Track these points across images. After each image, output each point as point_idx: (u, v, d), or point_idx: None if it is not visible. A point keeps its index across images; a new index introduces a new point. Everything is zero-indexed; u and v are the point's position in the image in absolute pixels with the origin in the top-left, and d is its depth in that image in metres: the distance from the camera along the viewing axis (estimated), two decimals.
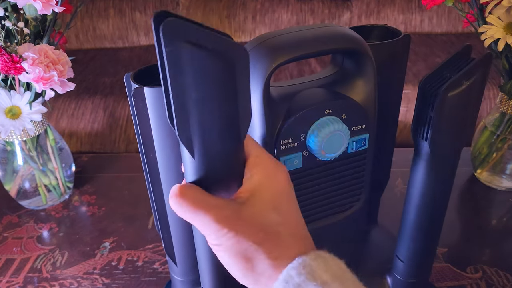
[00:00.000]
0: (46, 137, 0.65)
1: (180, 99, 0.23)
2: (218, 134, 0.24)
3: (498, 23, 0.52)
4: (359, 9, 1.44)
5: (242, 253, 0.25)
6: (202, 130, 0.24)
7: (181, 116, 0.23)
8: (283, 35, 0.34)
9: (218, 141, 0.25)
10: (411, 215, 0.43)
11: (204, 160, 0.25)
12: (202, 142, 0.24)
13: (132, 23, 1.57)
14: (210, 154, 0.25)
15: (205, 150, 0.25)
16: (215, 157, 0.25)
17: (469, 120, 0.38)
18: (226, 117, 0.24)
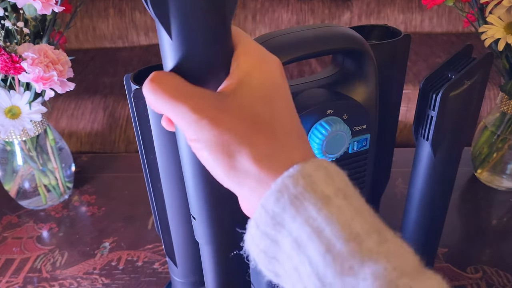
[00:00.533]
0: (45, 137, 0.65)
1: None
2: (198, 7, 0.21)
3: (498, 23, 0.52)
4: (359, 9, 1.44)
5: (224, 148, 0.21)
6: (179, 2, 0.20)
7: None
8: (284, 35, 0.34)
9: (199, 16, 0.21)
10: (412, 215, 0.43)
11: (183, 41, 0.21)
12: (180, 17, 0.21)
13: (132, 23, 1.56)
14: (190, 34, 0.21)
15: (184, 28, 0.21)
16: (196, 37, 0.22)
17: (470, 119, 0.37)
18: None
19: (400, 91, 0.48)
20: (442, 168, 0.39)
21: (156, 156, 0.37)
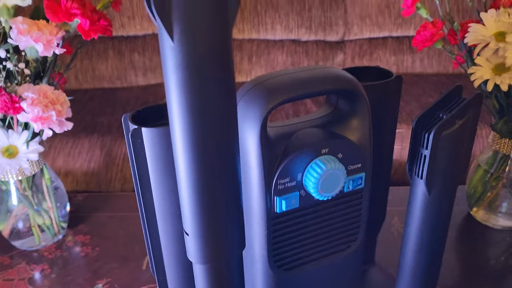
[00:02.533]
0: (41, 176, 0.65)
1: None
2: (202, 10, 0.21)
3: (486, 64, 0.54)
4: (352, 50, 1.48)
5: None
6: (183, 6, 0.21)
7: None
8: (279, 77, 0.35)
9: (201, 20, 0.22)
10: (409, 254, 0.42)
11: (185, 43, 0.22)
12: (182, 20, 0.21)
13: (131, 64, 1.59)
14: (192, 37, 0.22)
15: (186, 31, 0.22)
16: (197, 40, 0.22)
17: (463, 158, 0.38)
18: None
19: (393, 130, 0.49)
20: (437, 206, 0.39)
21: (152, 195, 0.38)
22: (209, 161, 0.25)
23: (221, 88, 0.24)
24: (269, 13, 1.44)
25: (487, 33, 0.53)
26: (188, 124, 0.25)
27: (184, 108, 0.24)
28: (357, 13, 1.45)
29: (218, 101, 0.24)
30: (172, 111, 0.25)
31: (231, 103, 0.25)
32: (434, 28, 0.58)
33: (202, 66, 0.23)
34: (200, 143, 0.25)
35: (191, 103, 0.24)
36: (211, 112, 0.24)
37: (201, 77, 0.23)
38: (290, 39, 1.49)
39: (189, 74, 0.23)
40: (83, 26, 0.55)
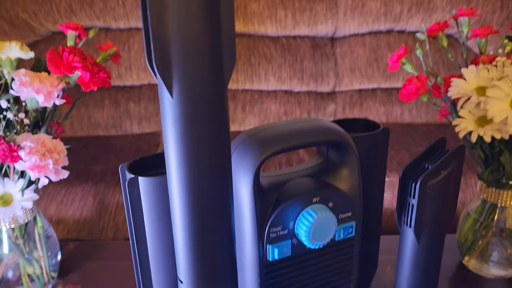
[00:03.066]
0: (34, 224, 0.65)
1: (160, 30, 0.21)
2: (200, 70, 0.23)
3: (469, 116, 0.56)
4: (343, 101, 1.53)
5: None
6: (182, 66, 0.22)
7: (161, 50, 0.22)
8: (271, 129, 0.36)
9: (199, 78, 0.23)
10: None
11: (184, 99, 0.23)
12: (181, 79, 0.23)
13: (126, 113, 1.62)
14: (190, 93, 0.23)
15: (185, 88, 0.23)
16: (195, 97, 0.23)
17: (449, 207, 0.39)
18: (210, 50, 0.22)
19: (382, 179, 0.50)
20: (427, 254, 0.40)
21: (147, 244, 0.38)
22: (204, 210, 0.26)
23: (217, 141, 0.26)
24: (263, 64, 1.49)
25: (468, 87, 0.56)
26: (184, 174, 0.26)
27: (181, 159, 0.25)
28: (347, 65, 1.50)
29: (213, 153, 0.26)
30: (170, 161, 0.26)
31: (225, 155, 0.27)
32: (419, 82, 0.61)
33: (199, 120, 0.24)
34: (195, 192, 0.26)
35: (188, 154, 0.25)
36: (206, 163, 0.26)
37: (198, 130, 0.25)
38: (283, 89, 1.53)
39: (186, 128, 0.24)
40: (83, 79, 0.58)
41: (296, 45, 1.50)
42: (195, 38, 0.22)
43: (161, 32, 0.22)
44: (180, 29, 0.22)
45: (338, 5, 1.46)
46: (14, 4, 1.41)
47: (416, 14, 1.46)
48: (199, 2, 0.22)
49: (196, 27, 0.22)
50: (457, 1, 1.43)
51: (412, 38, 1.48)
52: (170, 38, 0.22)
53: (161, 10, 0.21)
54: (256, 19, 1.48)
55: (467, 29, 0.65)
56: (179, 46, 0.22)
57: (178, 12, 0.21)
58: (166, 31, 0.22)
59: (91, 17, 1.46)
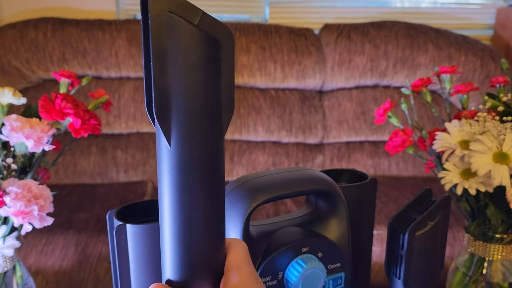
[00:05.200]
0: (13, 273, 0.63)
1: (162, 79, 0.21)
2: (198, 120, 0.23)
3: (454, 169, 0.57)
4: (331, 153, 1.55)
5: None
6: (181, 115, 0.23)
7: (161, 99, 0.22)
8: (261, 177, 0.37)
9: (197, 128, 0.23)
10: None
11: (181, 148, 0.23)
12: (180, 128, 0.23)
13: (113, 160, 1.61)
14: (188, 143, 0.23)
15: (183, 138, 0.23)
16: (194, 146, 0.24)
17: (437, 257, 0.39)
18: (209, 101, 0.23)
19: (370, 231, 0.50)
20: None
21: None
22: (195, 259, 0.26)
23: (212, 190, 0.26)
24: (252, 115, 1.51)
25: (452, 141, 0.58)
26: (177, 220, 0.26)
27: (175, 206, 0.25)
28: (334, 118, 1.54)
29: (208, 201, 0.26)
30: (163, 208, 0.26)
31: (220, 202, 0.27)
32: (404, 135, 0.62)
33: (196, 169, 0.25)
34: (187, 241, 0.26)
35: (182, 201, 0.25)
36: (200, 211, 0.26)
37: (194, 179, 0.25)
38: (272, 140, 1.55)
39: (182, 176, 0.24)
40: (74, 125, 0.58)
41: (285, 97, 1.54)
42: (195, 89, 0.23)
43: (162, 81, 0.22)
44: (181, 79, 0.22)
45: (326, 60, 1.52)
46: (7, 51, 1.44)
47: (400, 70, 1.51)
48: (200, 54, 0.22)
49: (197, 78, 0.23)
50: (440, 59, 1.50)
51: (398, 93, 1.53)
52: (170, 87, 0.22)
53: (163, 60, 0.22)
54: (246, 71, 1.52)
55: (449, 86, 0.68)
56: (179, 95, 0.23)
57: (180, 63, 0.22)
58: (167, 80, 0.22)
59: (83, 65, 1.49)
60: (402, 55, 1.50)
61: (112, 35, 1.48)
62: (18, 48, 1.44)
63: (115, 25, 1.50)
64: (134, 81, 1.58)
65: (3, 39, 1.44)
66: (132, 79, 1.58)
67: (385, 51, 1.50)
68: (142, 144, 1.63)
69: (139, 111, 1.54)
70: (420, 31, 1.53)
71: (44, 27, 1.47)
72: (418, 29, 1.54)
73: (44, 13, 1.56)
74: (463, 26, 1.74)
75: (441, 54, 1.51)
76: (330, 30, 1.54)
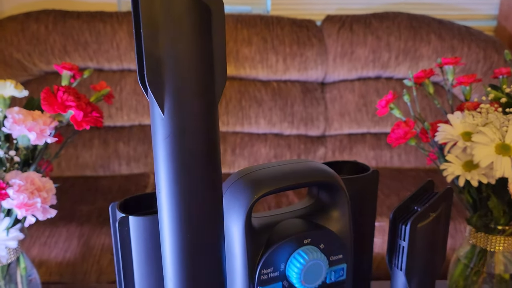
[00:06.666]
0: (17, 265, 0.63)
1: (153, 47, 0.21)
2: (191, 87, 0.23)
3: (456, 161, 0.57)
4: (333, 145, 1.55)
5: None
6: (174, 83, 0.23)
7: (153, 67, 0.22)
8: (263, 169, 0.37)
9: (191, 96, 0.23)
10: None
11: (175, 116, 0.23)
12: (173, 97, 0.23)
13: (115, 153, 1.62)
14: (181, 110, 0.23)
15: (176, 105, 0.23)
16: (188, 114, 0.24)
17: (439, 248, 0.39)
18: (202, 68, 0.23)
19: (372, 222, 0.50)
20: None
21: (135, 285, 0.37)
22: (194, 241, 0.26)
23: (207, 159, 0.25)
24: (253, 107, 1.51)
25: (454, 132, 0.58)
26: (174, 190, 0.25)
27: (171, 176, 0.25)
28: (336, 110, 1.53)
29: (204, 168, 0.25)
30: (159, 179, 0.26)
31: (216, 174, 0.26)
32: (406, 127, 0.62)
33: (190, 137, 0.24)
34: (186, 216, 0.25)
35: (178, 172, 0.25)
36: (197, 182, 0.25)
37: (188, 148, 0.25)
38: (273, 132, 1.55)
39: (177, 145, 0.24)
40: (76, 117, 0.58)
41: (287, 89, 1.53)
42: (187, 56, 0.23)
43: (154, 49, 0.22)
44: (173, 47, 0.22)
45: (327, 52, 1.51)
46: (9, 44, 1.44)
47: (403, 61, 1.51)
48: (191, 21, 0.22)
49: (188, 45, 0.22)
50: (442, 51, 1.49)
51: (400, 84, 1.52)
52: (162, 55, 0.22)
53: (154, 28, 0.22)
54: (247, 64, 1.51)
55: (452, 77, 0.68)
56: (171, 63, 0.22)
57: (171, 31, 0.22)
58: (159, 48, 0.22)
59: (84, 58, 1.49)
60: (405, 46, 1.50)
61: (113, 27, 1.48)
62: (19, 41, 1.44)
63: (116, 17, 1.50)
64: (135, 74, 1.58)
65: (4, 32, 1.44)
66: (134, 72, 1.58)
67: (387, 42, 1.49)
68: (144, 136, 1.63)
69: (140, 104, 1.54)
70: (422, 22, 1.52)
71: (45, 19, 1.46)
72: (420, 20, 1.53)
73: (45, 5, 1.55)
74: (466, 17, 1.73)
75: (443, 45, 1.50)
76: (332, 21, 1.53)
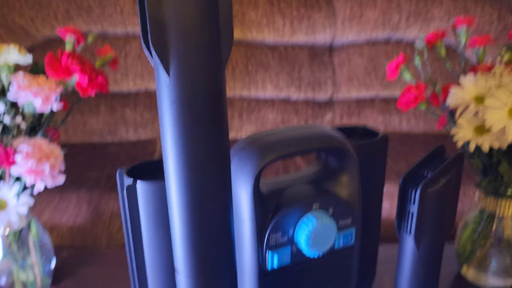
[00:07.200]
0: (29, 230, 0.64)
1: (156, 8, 0.21)
2: (197, 50, 0.22)
3: (467, 126, 0.56)
4: (340, 109, 1.53)
5: None
6: (179, 46, 0.22)
7: (157, 29, 0.21)
8: (272, 135, 0.36)
9: (197, 59, 0.22)
10: None
11: (181, 80, 0.23)
12: (178, 58, 0.22)
13: (122, 119, 1.62)
14: (187, 73, 0.23)
15: (182, 68, 0.22)
16: (192, 76, 0.23)
17: (449, 214, 0.39)
18: (207, 30, 0.22)
19: (381, 187, 0.50)
20: (426, 261, 0.39)
21: (144, 250, 0.38)
22: (202, 207, 0.25)
23: (215, 125, 0.25)
24: (260, 72, 1.49)
25: (466, 96, 0.56)
26: (181, 159, 0.25)
27: (178, 142, 0.24)
28: (345, 74, 1.51)
29: (211, 137, 0.25)
30: (166, 145, 0.25)
31: (224, 140, 0.26)
32: (417, 91, 0.61)
33: (196, 101, 0.24)
34: (193, 181, 0.25)
35: (185, 138, 0.24)
36: (204, 148, 0.25)
37: (195, 113, 0.24)
38: (280, 97, 1.53)
39: (183, 110, 0.24)
40: (81, 83, 0.57)
41: (294, 54, 1.50)
42: (192, 17, 0.22)
43: (158, 11, 0.21)
44: (177, 8, 0.21)
45: (336, 15, 1.47)
46: (11, 9, 1.41)
47: (414, 23, 1.47)
48: None
49: (193, 7, 0.22)
50: (455, 12, 1.45)
51: (410, 48, 1.49)
52: (167, 17, 0.21)
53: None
54: (254, 27, 1.48)
55: (465, 38, 0.65)
56: (176, 25, 0.21)
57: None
58: (163, 10, 0.21)
59: (88, 23, 1.46)
60: (416, 7, 1.45)
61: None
62: (21, 6, 1.41)
63: None
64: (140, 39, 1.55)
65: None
66: (138, 37, 1.56)
67: (398, 3, 1.45)
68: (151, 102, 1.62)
69: (146, 69, 1.53)
70: None
71: None
72: None
73: None
74: None
75: (456, 6, 1.45)
76: None
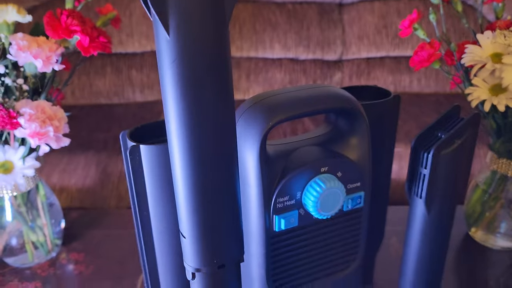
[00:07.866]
0: (37, 192, 0.64)
1: None
2: (199, 5, 0.21)
3: (483, 85, 0.54)
4: (350, 69, 1.50)
5: None
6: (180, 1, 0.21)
7: None
8: (279, 95, 0.35)
9: (197, 13, 0.21)
10: (408, 275, 0.42)
11: (182, 38, 0.21)
12: (178, 14, 0.21)
13: (128, 80, 1.60)
14: (188, 30, 0.21)
15: (182, 25, 0.21)
16: (193, 34, 0.22)
17: (462, 177, 0.38)
18: None
19: (391, 149, 0.49)
20: (437, 226, 0.39)
21: (149, 213, 0.37)
22: (206, 169, 0.25)
23: (218, 85, 0.23)
24: (268, 31, 1.45)
25: (483, 54, 0.54)
26: (183, 123, 0.24)
27: (179, 105, 0.23)
28: (355, 33, 1.46)
29: (214, 96, 0.24)
30: (168, 107, 0.24)
31: (228, 100, 0.24)
32: (431, 48, 0.58)
33: (198, 61, 0.22)
34: (196, 143, 0.24)
35: (187, 98, 0.23)
36: (207, 109, 0.24)
37: (197, 72, 0.22)
38: (288, 57, 1.50)
39: (184, 69, 0.22)
40: (82, 43, 0.56)
41: (303, 12, 1.46)
42: None
43: None
44: None
45: None
46: None
47: None
48: None
49: None
50: None
51: (423, 4, 1.43)
52: None
53: None
54: None
55: None
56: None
57: None
58: None
59: None
60: None
61: None
62: None
63: None
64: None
65: None
66: None
67: None
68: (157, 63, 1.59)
69: (151, 29, 1.49)
70: None
71: None
72: None
73: None
74: None
75: None
76: None
